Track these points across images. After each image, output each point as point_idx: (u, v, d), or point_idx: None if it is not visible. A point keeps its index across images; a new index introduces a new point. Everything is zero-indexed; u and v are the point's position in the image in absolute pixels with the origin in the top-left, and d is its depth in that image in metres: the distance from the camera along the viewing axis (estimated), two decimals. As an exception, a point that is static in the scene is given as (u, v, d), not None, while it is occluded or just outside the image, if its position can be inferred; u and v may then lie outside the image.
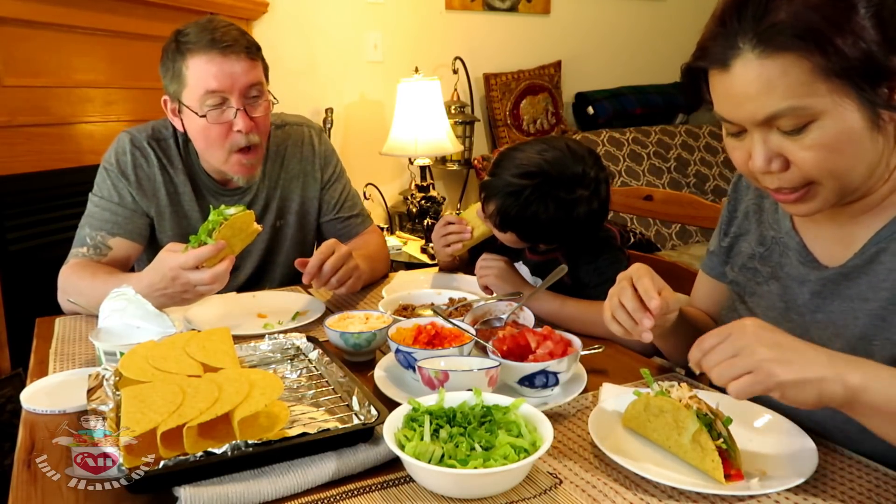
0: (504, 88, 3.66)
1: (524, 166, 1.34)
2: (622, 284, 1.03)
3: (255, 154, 1.56)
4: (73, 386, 1.09)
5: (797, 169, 0.88)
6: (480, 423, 0.89)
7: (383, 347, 1.22)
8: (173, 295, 1.29)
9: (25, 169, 2.06)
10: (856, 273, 0.96)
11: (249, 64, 1.49)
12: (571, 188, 1.33)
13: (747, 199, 1.16)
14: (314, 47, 3.23)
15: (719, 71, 0.87)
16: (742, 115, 0.88)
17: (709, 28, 0.89)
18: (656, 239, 3.43)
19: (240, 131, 1.49)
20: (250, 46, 1.51)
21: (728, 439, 0.86)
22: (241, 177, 1.58)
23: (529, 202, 1.33)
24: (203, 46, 1.45)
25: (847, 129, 0.84)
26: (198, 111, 1.48)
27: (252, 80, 1.49)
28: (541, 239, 1.43)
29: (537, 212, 1.33)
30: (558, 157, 1.34)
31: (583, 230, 1.38)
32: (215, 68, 1.45)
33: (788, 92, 0.83)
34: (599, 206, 1.37)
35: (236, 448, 0.83)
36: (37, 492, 0.85)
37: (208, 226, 1.26)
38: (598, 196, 1.36)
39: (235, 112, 1.48)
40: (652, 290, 1.00)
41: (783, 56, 0.82)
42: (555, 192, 1.32)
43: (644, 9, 4.10)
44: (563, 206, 1.33)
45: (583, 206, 1.34)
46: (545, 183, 1.32)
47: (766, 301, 1.08)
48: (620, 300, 1.02)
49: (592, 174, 1.35)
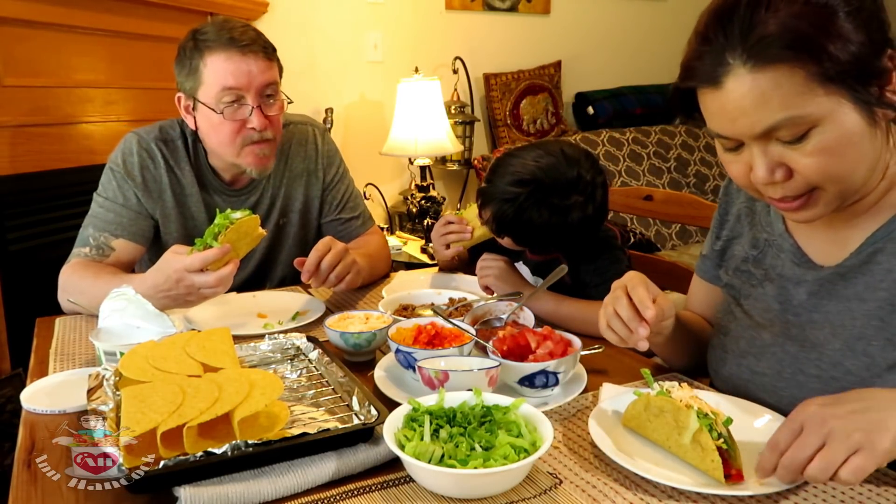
0: (504, 88, 3.66)
1: (519, 173, 1.36)
2: (616, 293, 1.02)
3: (270, 146, 1.58)
4: (73, 386, 1.09)
5: (800, 176, 0.87)
6: (480, 423, 0.89)
7: (383, 347, 1.22)
8: (177, 297, 1.29)
9: (25, 169, 2.06)
10: (852, 273, 0.96)
11: (266, 64, 1.51)
12: (566, 194, 1.34)
13: (739, 202, 1.16)
14: (314, 47, 3.23)
15: (711, 89, 0.87)
16: (739, 129, 0.87)
17: (692, 47, 0.89)
18: (656, 239, 3.43)
19: (254, 128, 1.51)
20: (267, 47, 1.53)
21: (728, 439, 0.86)
22: (254, 168, 1.58)
23: (524, 209, 1.34)
24: (222, 45, 1.47)
25: (847, 132, 0.84)
26: (214, 108, 1.50)
27: (268, 80, 1.52)
28: (536, 243, 1.44)
29: (532, 218, 1.34)
30: (552, 164, 1.35)
31: (578, 234, 1.39)
32: (233, 66, 1.47)
33: (784, 103, 0.83)
34: (595, 210, 1.38)
35: (236, 448, 0.83)
36: (37, 492, 0.85)
37: (214, 229, 1.26)
38: (593, 201, 1.37)
39: (251, 110, 1.50)
40: (647, 298, 1.00)
41: (775, 68, 0.82)
42: (549, 199, 1.34)
43: (644, 9, 4.10)
44: (557, 212, 1.34)
45: (577, 212, 1.35)
46: (539, 190, 1.34)
47: (761, 303, 1.07)
48: (615, 309, 1.01)
49: (588, 178, 1.36)
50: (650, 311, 0.99)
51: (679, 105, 0.94)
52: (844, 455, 0.77)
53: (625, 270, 1.34)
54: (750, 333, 1.08)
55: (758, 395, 1.04)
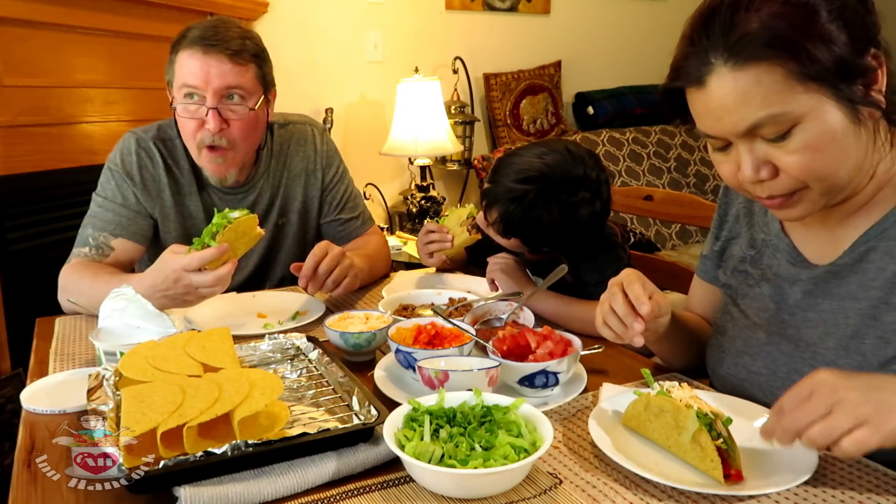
0: (504, 88, 3.66)
1: (525, 171, 1.34)
2: (613, 290, 1.03)
3: (223, 154, 1.54)
4: (73, 386, 1.09)
5: (785, 174, 0.88)
6: (480, 423, 0.89)
7: (383, 347, 1.22)
8: (175, 297, 1.29)
9: (25, 169, 2.06)
10: (845, 271, 0.97)
11: (232, 67, 1.48)
12: (573, 191, 1.33)
13: (737, 203, 1.17)
14: (314, 47, 3.23)
15: (696, 88, 0.89)
16: (724, 128, 0.89)
17: (680, 49, 0.91)
18: (656, 239, 3.43)
19: (209, 129, 1.50)
20: (241, 51, 1.49)
21: (728, 439, 0.86)
22: (211, 174, 1.59)
23: (532, 207, 1.32)
24: (190, 41, 1.48)
25: (830, 129, 0.85)
26: (177, 103, 1.51)
27: (230, 83, 1.48)
28: (545, 243, 1.42)
29: (541, 216, 1.33)
30: (558, 160, 1.34)
31: (586, 232, 1.38)
32: (194, 64, 1.47)
33: (766, 101, 0.84)
34: (602, 206, 1.37)
35: (236, 448, 0.83)
36: (37, 492, 0.85)
37: (212, 228, 1.26)
38: (599, 197, 1.36)
39: (207, 111, 1.49)
40: (642, 295, 1.00)
41: (755, 66, 0.83)
42: (558, 196, 1.32)
43: (644, 9, 4.10)
44: (566, 209, 1.33)
45: (585, 208, 1.34)
46: (547, 187, 1.32)
47: (757, 303, 1.08)
48: (611, 305, 1.02)
49: (593, 175, 1.35)
50: (645, 307, 0.99)
51: (669, 107, 0.95)
52: (849, 425, 0.77)
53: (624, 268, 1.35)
54: (746, 333, 1.08)
55: (754, 395, 1.04)
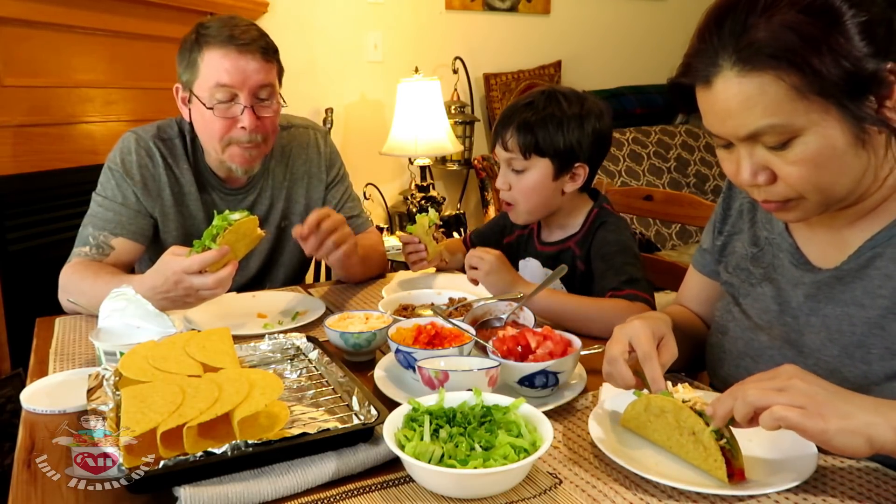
0: (504, 88, 3.66)
1: (530, 95, 1.48)
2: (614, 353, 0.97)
3: (257, 149, 1.57)
4: (73, 386, 1.09)
5: (782, 182, 0.88)
6: (480, 423, 0.89)
7: (383, 347, 1.22)
8: (175, 298, 1.29)
9: (25, 169, 2.06)
10: (850, 277, 0.95)
11: (263, 65, 1.51)
12: (578, 103, 1.46)
13: (741, 198, 1.15)
14: (314, 47, 3.23)
15: (702, 87, 0.88)
16: (726, 130, 0.89)
17: (691, 44, 0.90)
18: (656, 239, 3.43)
19: (244, 128, 1.51)
20: (267, 48, 1.53)
21: (730, 439, 0.86)
22: (238, 166, 1.58)
23: (545, 106, 1.44)
24: (221, 41, 1.48)
25: (829, 146, 0.84)
26: (206, 102, 1.50)
27: (263, 81, 1.51)
28: (565, 138, 1.45)
29: (554, 112, 1.44)
30: (558, 89, 1.49)
31: (597, 145, 1.47)
32: (229, 63, 1.47)
33: (768, 110, 0.83)
34: (605, 129, 1.48)
35: (236, 448, 0.83)
36: (37, 492, 0.85)
37: (212, 230, 1.26)
38: (601, 121, 1.47)
39: (242, 109, 1.50)
40: (658, 375, 0.94)
41: (761, 75, 0.83)
42: (565, 100, 1.45)
43: (644, 9, 4.10)
44: (576, 101, 1.45)
45: (592, 121, 1.45)
46: (553, 94, 1.47)
47: (760, 303, 1.07)
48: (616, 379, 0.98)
49: (591, 104, 1.47)
50: (658, 384, 0.94)
51: (678, 99, 0.94)
52: (786, 401, 0.78)
53: (626, 242, 1.43)
54: (748, 335, 1.07)
55: None
